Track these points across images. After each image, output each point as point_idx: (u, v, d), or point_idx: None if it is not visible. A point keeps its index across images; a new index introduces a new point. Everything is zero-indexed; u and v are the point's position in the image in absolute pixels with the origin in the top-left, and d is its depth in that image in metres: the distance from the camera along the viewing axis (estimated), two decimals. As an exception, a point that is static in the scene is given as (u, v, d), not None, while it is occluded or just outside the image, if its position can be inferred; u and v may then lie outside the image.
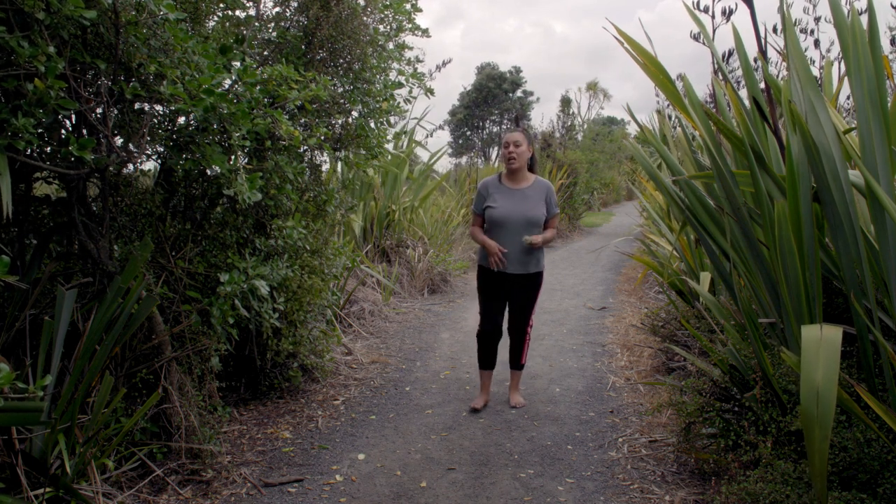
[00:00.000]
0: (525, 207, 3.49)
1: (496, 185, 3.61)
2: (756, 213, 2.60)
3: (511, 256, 3.49)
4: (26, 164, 2.29)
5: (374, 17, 3.61)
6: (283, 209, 3.30)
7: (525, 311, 3.68)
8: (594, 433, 3.39)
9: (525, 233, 3.47)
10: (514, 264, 3.53)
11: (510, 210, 3.49)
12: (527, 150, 3.52)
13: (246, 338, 3.49)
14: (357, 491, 2.77)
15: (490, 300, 3.68)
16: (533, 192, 3.55)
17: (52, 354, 2.33)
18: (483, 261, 3.65)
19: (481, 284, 3.71)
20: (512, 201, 3.51)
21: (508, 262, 3.50)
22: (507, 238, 3.49)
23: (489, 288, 3.66)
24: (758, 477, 2.19)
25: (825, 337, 1.84)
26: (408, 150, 7.88)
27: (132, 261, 2.49)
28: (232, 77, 2.56)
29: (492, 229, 3.56)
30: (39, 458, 2.18)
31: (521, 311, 3.68)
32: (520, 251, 3.50)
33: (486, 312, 3.69)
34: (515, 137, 3.51)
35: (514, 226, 3.48)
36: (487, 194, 3.60)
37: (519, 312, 3.68)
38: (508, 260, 3.49)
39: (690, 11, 3.07)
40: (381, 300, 6.25)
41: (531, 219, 3.48)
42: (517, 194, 3.54)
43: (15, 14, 2.03)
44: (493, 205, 3.53)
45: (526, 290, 3.62)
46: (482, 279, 3.70)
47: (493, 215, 3.52)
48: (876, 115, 2.15)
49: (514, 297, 3.65)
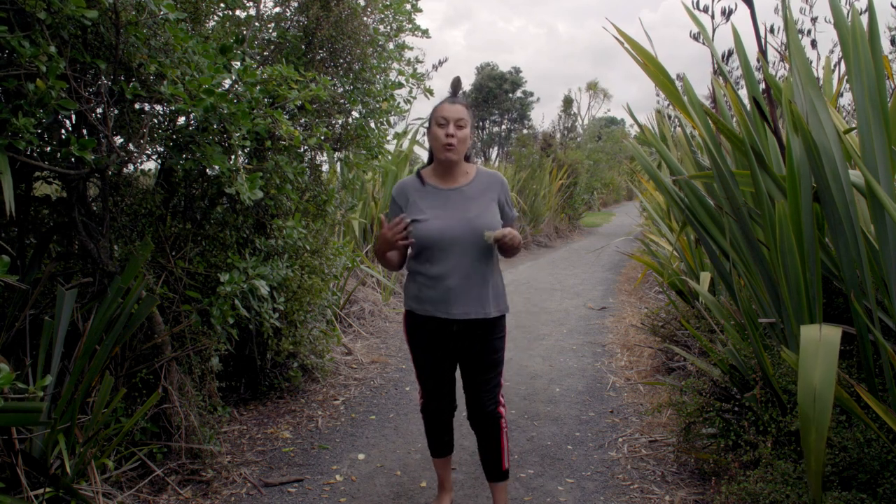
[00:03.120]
0: (470, 214, 2.26)
1: (418, 189, 2.34)
2: (756, 213, 2.60)
3: (457, 292, 2.25)
4: (26, 164, 2.29)
5: (375, 17, 3.61)
6: (284, 209, 3.31)
7: (488, 380, 2.36)
8: (594, 433, 3.39)
9: (477, 253, 2.27)
10: (464, 303, 2.26)
11: (448, 221, 2.25)
12: (470, 133, 2.31)
13: (246, 338, 3.49)
14: (357, 491, 2.77)
15: (430, 365, 2.41)
16: (477, 190, 2.33)
17: (52, 354, 2.33)
18: (413, 301, 2.36)
19: (414, 340, 2.41)
20: (448, 208, 2.28)
21: (454, 300, 2.26)
22: (447, 265, 2.26)
23: (426, 346, 2.38)
24: (758, 477, 2.19)
25: (824, 337, 1.84)
26: (408, 150, 7.88)
27: (132, 261, 2.49)
28: (232, 77, 2.56)
29: (422, 256, 2.31)
30: (39, 458, 2.18)
31: (480, 382, 2.36)
32: (471, 282, 2.26)
33: (428, 383, 2.46)
34: (458, 113, 2.25)
35: (457, 245, 2.25)
36: (407, 203, 2.33)
37: (477, 384, 2.36)
38: (455, 297, 2.26)
39: (690, 11, 3.07)
40: (381, 300, 6.25)
41: (482, 229, 2.25)
42: (454, 197, 2.31)
43: (16, 14, 2.03)
44: (422, 216, 2.26)
45: (485, 344, 2.32)
46: (413, 332, 2.40)
47: (424, 233, 2.25)
48: (876, 115, 2.15)
49: (468, 357, 2.34)
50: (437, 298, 2.27)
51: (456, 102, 2.29)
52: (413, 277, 2.38)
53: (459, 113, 2.26)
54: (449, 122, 2.25)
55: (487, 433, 2.41)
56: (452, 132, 2.24)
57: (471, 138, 2.35)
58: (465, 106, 2.30)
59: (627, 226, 14.51)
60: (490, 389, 2.38)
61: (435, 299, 2.28)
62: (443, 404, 2.49)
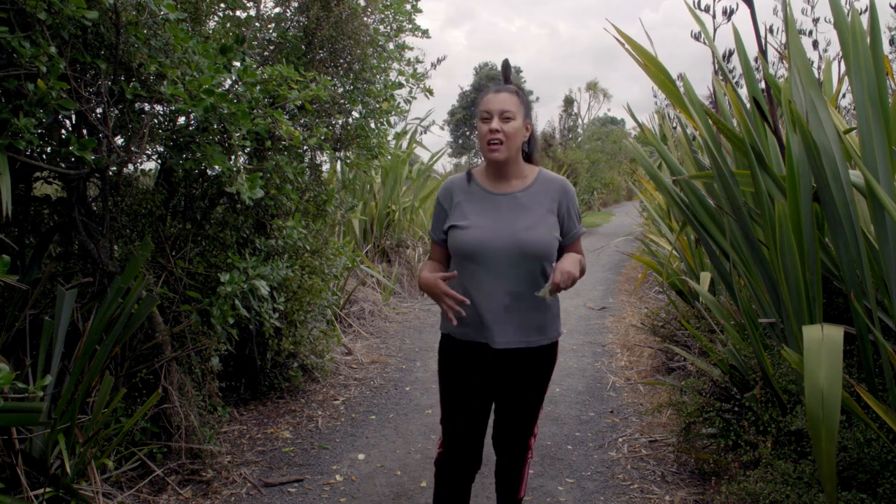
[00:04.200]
0: (519, 225, 1.89)
1: (465, 190, 1.99)
2: (756, 213, 2.60)
3: (498, 316, 1.90)
4: (26, 164, 2.29)
5: (375, 17, 3.61)
6: (284, 209, 3.31)
7: (526, 417, 2.03)
8: (594, 433, 3.39)
9: (524, 273, 1.89)
10: (506, 330, 1.91)
11: (491, 232, 1.89)
12: (522, 126, 1.92)
13: (246, 338, 3.49)
14: (357, 491, 2.77)
15: (462, 400, 2.01)
16: (534, 197, 1.94)
17: (52, 354, 2.33)
18: (450, 326, 2.00)
19: (446, 369, 2.05)
20: (495, 216, 1.92)
21: (495, 326, 1.90)
22: (487, 282, 1.89)
23: (461, 377, 2.00)
24: (758, 477, 2.19)
25: (827, 337, 1.83)
26: (408, 150, 7.88)
27: (132, 261, 2.49)
28: (232, 77, 2.56)
29: (461, 267, 1.94)
30: (39, 458, 2.18)
31: (518, 417, 2.03)
32: (517, 306, 1.90)
33: (455, 424, 2.03)
34: (504, 104, 1.88)
35: (500, 262, 1.88)
36: (451, 205, 1.99)
37: (514, 419, 2.03)
38: (495, 323, 1.90)
39: (692, 11, 3.07)
40: (381, 300, 6.25)
41: (532, 247, 1.87)
42: (504, 203, 1.93)
43: (16, 14, 2.03)
44: (463, 223, 1.92)
45: (529, 378, 1.99)
46: (447, 360, 2.04)
47: (463, 242, 1.90)
48: (876, 115, 2.15)
49: (507, 392, 2.01)
50: (475, 321, 1.92)
51: (501, 90, 1.90)
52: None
53: (505, 103, 1.87)
54: (493, 115, 1.87)
55: (511, 460, 2.09)
56: (497, 126, 1.86)
57: (528, 130, 1.95)
58: (513, 93, 1.90)
59: (627, 226, 14.50)
60: (527, 426, 2.04)
61: (473, 322, 1.93)
62: (465, 460, 2.04)
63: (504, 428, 2.06)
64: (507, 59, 2.01)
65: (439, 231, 2.02)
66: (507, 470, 2.11)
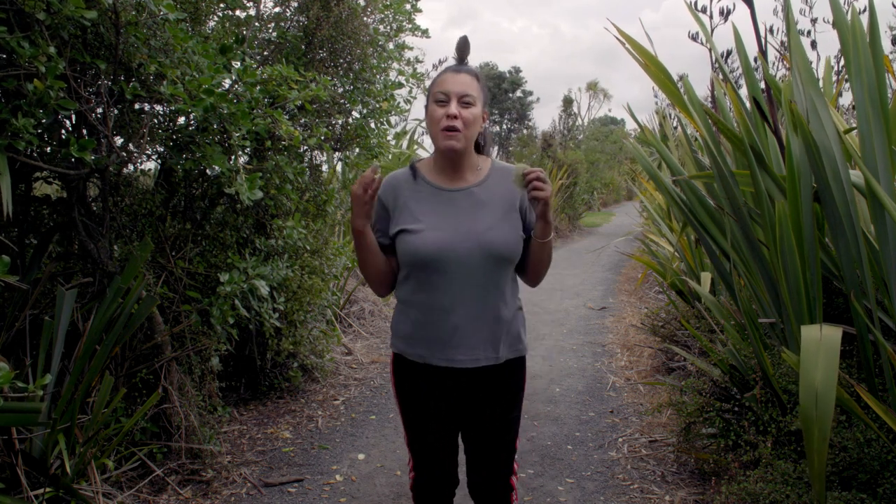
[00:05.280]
0: (480, 226, 1.64)
1: (411, 188, 1.71)
2: (756, 213, 2.60)
3: (462, 331, 1.65)
4: (26, 165, 2.29)
5: (375, 17, 3.61)
6: (283, 209, 3.31)
7: (503, 445, 1.78)
8: (594, 433, 3.39)
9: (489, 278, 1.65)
10: (472, 345, 1.67)
11: (449, 234, 1.63)
12: (482, 114, 1.67)
13: (246, 338, 3.49)
14: (357, 491, 2.77)
15: (424, 428, 1.78)
16: (492, 191, 1.70)
17: (52, 354, 2.33)
18: (403, 343, 1.74)
19: (403, 394, 1.79)
20: (451, 216, 1.66)
21: (459, 341, 1.66)
22: (449, 294, 1.64)
23: (420, 403, 1.76)
24: (758, 477, 2.19)
25: (825, 337, 1.83)
26: (409, 151, 7.88)
27: (132, 261, 2.49)
28: (232, 77, 2.56)
29: (414, 280, 1.69)
30: (39, 458, 2.18)
31: (492, 449, 1.78)
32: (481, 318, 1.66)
33: (421, 453, 1.82)
34: (465, 86, 1.62)
35: (462, 268, 1.63)
36: (396, 206, 1.70)
37: (488, 451, 1.79)
38: (460, 338, 1.66)
39: (692, 10, 3.07)
40: (381, 300, 6.25)
41: (498, 248, 1.64)
42: (460, 200, 1.68)
43: (15, 14, 2.03)
44: (414, 226, 1.65)
45: (501, 401, 1.76)
46: (403, 384, 1.79)
47: (417, 249, 1.63)
48: (876, 115, 2.15)
49: (477, 421, 1.77)
50: (435, 339, 1.67)
51: (462, 71, 1.64)
52: (403, 310, 1.74)
53: (465, 86, 1.61)
54: (451, 98, 1.60)
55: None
56: (455, 111, 1.58)
57: (485, 119, 1.71)
58: (474, 76, 1.65)
59: (627, 226, 14.50)
60: (504, 459, 1.79)
61: (431, 341, 1.67)
62: (441, 483, 1.83)
63: (480, 469, 1.80)
64: (466, 36, 1.73)
65: (386, 236, 1.71)
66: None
